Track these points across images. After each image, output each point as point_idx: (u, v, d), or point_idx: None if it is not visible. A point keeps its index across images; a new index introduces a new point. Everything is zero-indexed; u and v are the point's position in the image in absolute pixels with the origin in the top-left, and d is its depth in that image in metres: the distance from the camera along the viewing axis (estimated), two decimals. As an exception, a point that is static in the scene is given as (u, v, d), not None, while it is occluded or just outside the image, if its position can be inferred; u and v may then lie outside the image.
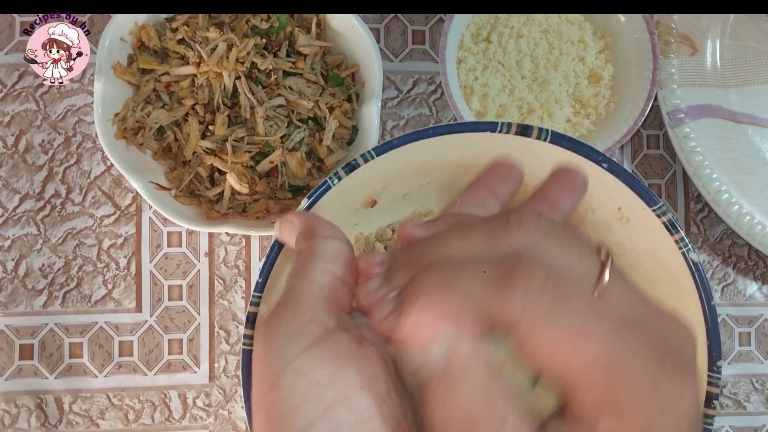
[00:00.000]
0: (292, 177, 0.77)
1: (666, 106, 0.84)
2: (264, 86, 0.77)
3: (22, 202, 0.81)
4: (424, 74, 0.86)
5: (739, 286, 0.88)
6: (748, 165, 0.85)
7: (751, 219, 0.83)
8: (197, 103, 0.76)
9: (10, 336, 0.80)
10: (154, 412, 0.81)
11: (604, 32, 0.84)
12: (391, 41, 0.86)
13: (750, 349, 0.87)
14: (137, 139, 0.76)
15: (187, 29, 0.76)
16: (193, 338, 0.81)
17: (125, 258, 0.81)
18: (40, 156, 0.81)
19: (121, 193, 0.82)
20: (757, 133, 0.87)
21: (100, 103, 0.73)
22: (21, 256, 0.81)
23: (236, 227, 0.73)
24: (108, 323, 0.81)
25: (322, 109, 0.77)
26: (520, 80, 0.81)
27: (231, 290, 0.82)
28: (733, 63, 0.88)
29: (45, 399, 0.80)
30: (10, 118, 0.81)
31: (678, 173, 0.88)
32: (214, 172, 0.77)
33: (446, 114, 0.86)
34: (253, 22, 0.77)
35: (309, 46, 0.78)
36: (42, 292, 0.81)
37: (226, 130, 0.75)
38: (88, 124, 0.82)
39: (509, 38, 0.80)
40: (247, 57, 0.75)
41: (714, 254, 0.88)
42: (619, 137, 0.79)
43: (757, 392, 0.87)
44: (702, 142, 0.84)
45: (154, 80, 0.77)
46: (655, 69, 0.80)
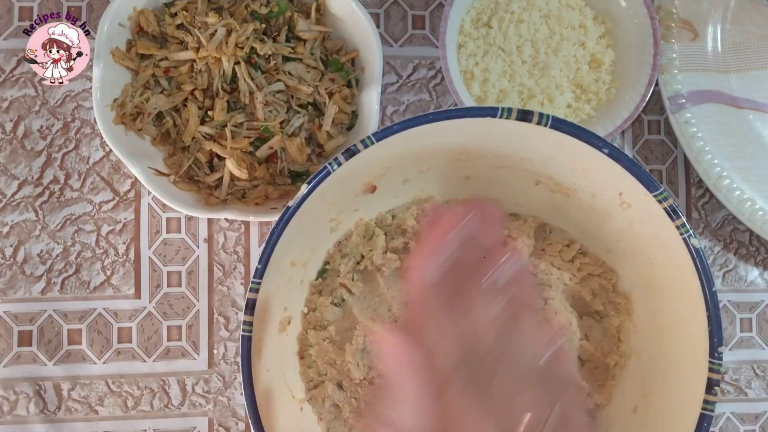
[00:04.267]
0: (291, 162, 0.77)
1: (667, 92, 0.84)
2: (263, 71, 0.77)
3: (21, 188, 0.81)
4: (424, 59, 0.86)
5: (740, 272, 0.88)
6: (749, 150, 0.85)
7: (752, 205, 0.83)
8: (196, 89, 0.76)
9: (9, 322, 0.80)
10: (153, 399, 0.80)
11: (605, 17, 0.84)
12: (391, 26, 0.86)
13: (751, 335, 0.87)
14: (136, 124, 0.75)
15: (186, 14, 0.75)
16: (192, 325, 0.81)
17: (124, 244, 0.81)
18: (38, 142, 0.81)
19: (120, 178, 0.82)
20: (759, 118, 0.86)
21: (98, 88, 0.73)
22: (19, 242, 0.80)
23: (235, 213, 0.72)
24: (107, 309, 0.81)
25: (322, 95, 0.77)
26: (521, 65, 0.80)
27: (230, 276, 0.82)
28: (734, 48, 0.87)
29: (44, 386, 0.80)
30: (8, 103, 0.81)
31: (679, 159, 0.88)
32: (213, 158, 0.77)
33: (446, 99, 0.86)
34: (252, 7, 0.76)
35: (308, 31, 0.78)
36: (41, 279, 0.80)
37: (226, 116, 0.75)
38: (87, 110, 0.82)
39: (510, 23, 0.80)
40: (246, 42, 0.75)
41: (715, 240, 0.88)
42: (620, 123, 0.79)
43: (759, 378, 0.87)
44: (703, 128, 0.84)
45: (152, 65, 0.76)
46: (656, 54, 0.80)
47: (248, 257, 0.82)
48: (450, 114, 0.58)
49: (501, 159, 0.67)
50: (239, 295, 0.82)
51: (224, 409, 0.81)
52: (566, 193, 0.70)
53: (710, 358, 0.58)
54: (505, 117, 0.58)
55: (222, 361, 0.81)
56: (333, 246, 0.72)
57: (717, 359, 0.58)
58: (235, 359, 0.81)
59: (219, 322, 0.81)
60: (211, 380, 0.81)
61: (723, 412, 0.86)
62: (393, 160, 0.64)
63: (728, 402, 0.86)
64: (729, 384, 0.87)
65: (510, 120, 0.58)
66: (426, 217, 0.68)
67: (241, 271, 0.82)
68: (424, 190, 0.73)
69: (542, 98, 0.80)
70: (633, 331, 0.72)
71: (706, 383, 0.58)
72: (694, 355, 0.60)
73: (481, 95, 0.80)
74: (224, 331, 0.81)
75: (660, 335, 0.68)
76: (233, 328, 0.81)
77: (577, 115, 0.82)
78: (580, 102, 0.82)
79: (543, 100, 0.80)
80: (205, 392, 0.81)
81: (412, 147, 0.62)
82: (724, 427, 0.86)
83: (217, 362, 0.81)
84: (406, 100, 0.85)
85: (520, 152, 0.65)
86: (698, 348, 0.60)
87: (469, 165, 0.69)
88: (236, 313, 0.82)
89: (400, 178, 0.70)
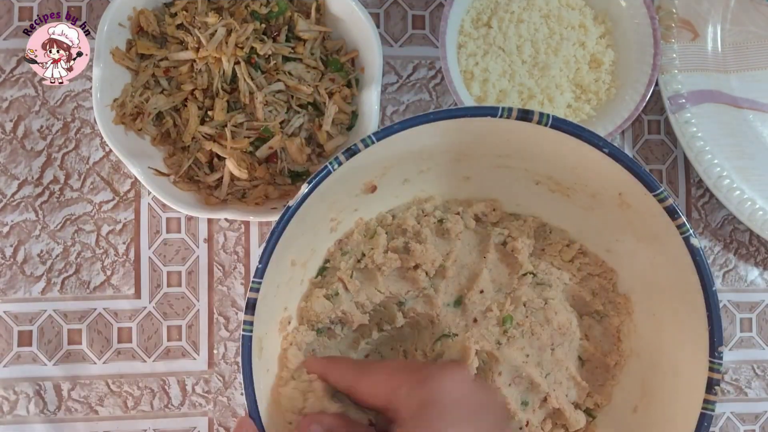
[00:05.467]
0: (291, 162, 0.77)
1: (667, 92, 0.84)
2: (263, 71, 0.77)
3: (21, 188, 0.81)
4: (424, 59, 0.86)
5: (740, 272, 0.88)
6: (749, 150, 0.85)
7: (752, 204, 0.83)
8: (196, 89, 0.76)
9: (9, 322, 0.80)
10: (153, 399, 0.80)
11: (605, 17, 0.84)
12: (390, 26, 0.86)
13: (751, 335, 0.87)
14: (136, 124, 0.75)
15: (186, 14, 0.75)
16: (192, 325, 0.81)
17: (124, 244, 0.81)
18: (38, 142, 0.81)
19: (120, 178, 0.82)
20: (758, 118, 0.86)
21: (98, 88, 0.73)
22: (19, 242, 0.80)
23: (235, 213, 0.72)
24: (107, 310, 0.81)
25: (322, 95, 0.77)
26: (521, 65, 0.80)
27: (230, 276, 0.82)
28: (734, 48, 0.88)
29: (44, 386, 0.80)
30: (8, 103, 0.81)
31: (679, 158, 0.88)
32: (213, 158, 0.77)
33: (446, 99, 0.86)
34: (252, 7, 0.76)
35: (308, 31, 0.78)
36: (40, 279, 0.80)
37: (226, 116, 0.75)
38: (87, 110, 0.82)
39: (509, 23, 0.80)
40: (246, 42, 0.75)
41: (715, 240, 0.88)
42: (620, 122, 0.79)
43: (759, 378, 0.87)
44: (703, 128, 0.84)
45: (152, 65, 0.76)
46: (655, 54, 0.80)
47: (248, 257, 0.82)
48: (450, 114, 0.58)
49: (501, 159, 0.68)
50: (239, 295, 0.82)
51: (224, 409, 0.81)
52: (566, 193, 0.70)
53: (710, 358, 0.58)
54: (505, 117, 0.58)
55: (222, 361, 0.81)
56: (333, 244, 0.72)
57: (717, 359, 0.58)
58: (235, 359, 0.81)
59: (219, 322, 0.81)
60: (211, 380, 0.81)
61: (723, 411, 0.86)
62: (393, 160, 0.64)
63: (728, 402, 0.87)
64: (729, 384, 0.87)
65: (510, 120, 0.58)
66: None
67: (241, 271, 0.82)
68: (424, 190, 0.73)
69: (542, 98, 0.80)
70: (633, 331, 0.72)
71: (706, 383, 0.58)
72: (694, 355, 0.60)
73: (481, 95, 0.80)
74: (224, 331, 0.81)
75: (660, 335, 0.68)
76: (233, 328, 0.81)
77: (577, 115, 0.82)
78: (580, 102, 0.82)
79: (543, 100, 0.80)
80: (205, 392, 0.81)
81: (413, 147, 0.62)
82: (724, 427, 0.86)
83: (217, 362, 0.81)
84: (406, 99, 0.85)
85: (520, 152, 0.65)
86: (698, 348, 0.60)
87: (469, 165, 0.69)
88: (236, 313, 0.82)
89: (400, 178, 0.70)
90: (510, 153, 0.66)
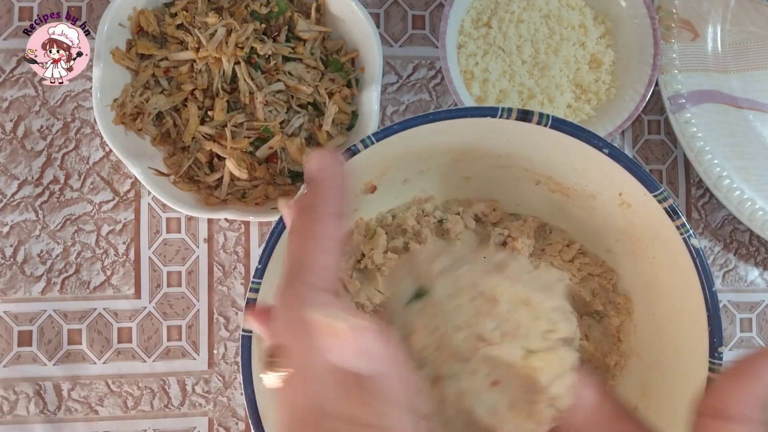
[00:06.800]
0: (291, 163, 0.77)
1: (667, 92, 0.84)
2: (263, 71, 0.77)
3: (21, 188, 0.81)
4: (424, 59, 0.86)
5: (740, 272, 0.88)
6: (749, 150, 0.85)
7: (752, 205, 0.83)
8: (196, 89, 0.76)
9: (9, 322, 0.80)
10: (153, 399, 0.80)
11: (605, 17, 0.84)
12: (390, 26, 0.86)
13: (751, 335, 0.87)
14: (136, 124, 0.75)
15: (186, 14, 0.75)
16: (192, 325, 0.81)
17: (124, 244, 0.81)
18: (38, 142, 0.81)
19: (120, 179, 0.82)
20: (759, 118, 0.86)
21: (98, 88, 0.73)
22: (19, 242, 0.80)
23: (235, 213, 0.72)
24: (107, 310, 0.81)
25: (322, 95, 0.77)
26: (521, 65, 0.80)
27: (230, 276, 0.82)
28: (734, 48, 0.88)
29: (44, 386, 0.80)
30: (8, 103, 0.81)
31: (679, 159, 0.88)
32: (213, 158, 0.77)
33: (446, 99, 0.86)
34: (252, 7, 0.76)
35: (308, 31, 0.78)
36: (40, 279, 0.80)
37: (226, 116, 0.75)
38: (87, 110, 0.82)
39: (510, 23, 0.80)
40: (246, 42, 0.75)
41: (715, 240, 0.88)
42: (620, 123, 0.79)
43: (758, 378, 0.87)
44: (703, 128, 0.84)
45: (152, 65, 0.76)
46: (656, 54, 0.80)
47: (248, 257, 0.82)
48: (450, 114, 0.58)
49: (501, 159, 0.67)
50: (239, 295, 0.82)
51: (224, 409, 0.81)
52: (566, 193, 0.70)
53: (710, 358, 0.58)
54: (505, 117, 0.58)
55: (222, 361, 0.81)
56: (334, 244, 0.71)
57: (717, 359, 0.58)
58: (235, 359, 0.81)
59: (219, 322, 0.81)
60: (211, 380, 0.81)
61: (723, 412, 0.86)
62: (393, 160, 0.64)
63: (728, 402, 0.86)
64: (729, 384, 0.87)
65: (510, 120, 0.58)
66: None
67: (241, 271, 0.82)
68: (424, 190, 0.73)
69: (542, 98, 0.80)
70: (633, 331, 0.71)
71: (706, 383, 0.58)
72: (694, 355, 0.60)
73: (481, 95, 0.80)
74: (224, 331, 0.81)
75: (660, 335, 0.68)
76: (233, 328, 0.81)
77: (577, 115, 0.82)
78: (580, 102, 0.82)
79: (543, 100, 0.80)
80: (205, 392, 0.81)
81: (413, 147, 0.62)
82: (724, 427, 0.86)
83: (217, 362, 0.81)
84: (406, 100, 0.85)
85: (520, 152, 0.65)
86: (698, 348, 0.59)
87: (469, 165, 0.69)
88: (236, 313, 0.82)
89: (401, 178, 0.69)
90: (510, 153, 0.66)
